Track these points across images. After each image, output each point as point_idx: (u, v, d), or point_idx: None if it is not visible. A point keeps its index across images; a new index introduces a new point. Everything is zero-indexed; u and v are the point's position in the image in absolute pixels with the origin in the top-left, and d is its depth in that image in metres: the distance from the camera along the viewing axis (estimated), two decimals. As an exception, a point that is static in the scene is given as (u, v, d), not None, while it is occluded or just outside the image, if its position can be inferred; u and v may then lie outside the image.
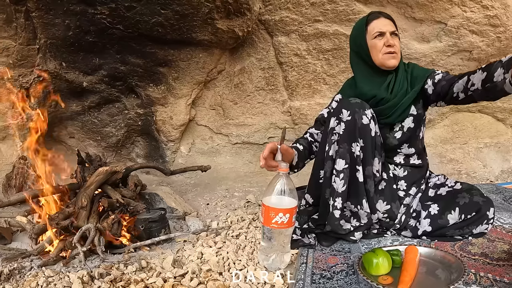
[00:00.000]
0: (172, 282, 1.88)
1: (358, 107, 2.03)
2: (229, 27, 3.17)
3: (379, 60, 2.13)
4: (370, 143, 2.05)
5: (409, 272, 1.71)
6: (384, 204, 2.17)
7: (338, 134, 2.05)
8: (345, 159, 2.03)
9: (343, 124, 2.03)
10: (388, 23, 2.13)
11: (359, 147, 2.03)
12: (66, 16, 2.88)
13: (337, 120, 2.06)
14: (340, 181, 2.03)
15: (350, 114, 2.02)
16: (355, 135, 2.02)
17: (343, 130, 2.03)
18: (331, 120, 2.09)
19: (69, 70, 3.25)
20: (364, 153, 2.05)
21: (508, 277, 1.72)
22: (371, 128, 2.04)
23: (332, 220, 2.09)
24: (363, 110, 2.03)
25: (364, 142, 2.04)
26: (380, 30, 2.10)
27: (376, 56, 2.13)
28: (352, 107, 2.03)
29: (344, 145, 2.03)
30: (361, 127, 2.02)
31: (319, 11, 3.25)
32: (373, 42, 2.13)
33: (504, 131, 3.99)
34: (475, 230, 2.09)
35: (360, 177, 2.06)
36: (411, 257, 1.80)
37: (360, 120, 2.01)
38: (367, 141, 2.04)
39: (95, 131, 3.75)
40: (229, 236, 2.47)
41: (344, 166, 2.03)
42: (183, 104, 3.66)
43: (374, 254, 1.74)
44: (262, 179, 3.73)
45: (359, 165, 2.04)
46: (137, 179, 3.01)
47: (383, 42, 2.10)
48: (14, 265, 2.12)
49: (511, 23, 3.24)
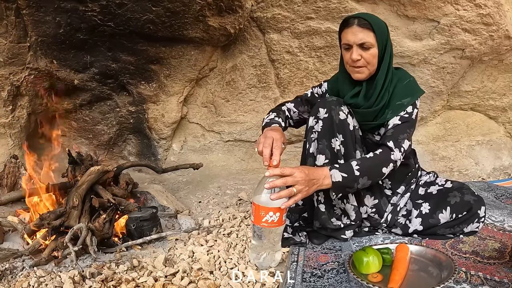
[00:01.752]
0: (163, 281, 1.88)
1: (334, 104, 2.05)
2: (220, 24, 3.16)
3: (348, 70, 2.10)
4: (349, 137, 2.06)
5: (399, 270, 1.71)
6: (372, 199, 2.17)
7: (317, 131, 2.07)
8: (325, 154, 2.04)
9: (320, 122, 2.05)
10: (359, 33, 1.97)
11: (339, 141, 2.04)
12: (56, 13, 2.87)
13: (315, 119, 2.08)
14: None
15: (327, 112, 2.04)
16: (333, 131, 2.03)
17: (321, 127, 2.05)
18: (309, 120, 2.11)
19: (60, 68, 3.23)
20: (344, 147, 2.06)
21: (499, 275, 1.72)
22: (349, 123, 2.06)
23: (318, 215, 2.11)
24: (339, 106, 2.05)
25: (343, 136, 2.05)
26: (348, 42, 2.00)
27: (345, 66, 2.09)
28: (328, 105, 2.05)
29: (323, 141, 2.05)
30: (339, 123, 2.03)
31: (311, 8, 3.24)
32: (343, 52, 2.08)
33: (496, 129, 4.00)
34: (466, 229, 2.09)
35: None
36: (401, 255, 1.80)
37: (337, 116, 2.03)
38: (346, 136, 2.05)
39: (86, 129, 3.73)
40: (220, 234, 2.47)
41: (325, 161, 2.04)
42: (175, 102, 3.65)
43: (364, 253, 1.74)
44: (254, 176, 3.73)
45: (340, 159, 2.05)
46: (129, 177, 3.00)
47: (349, 54, 2.01)
48: (6, 265, 2.11)
49: (503, 22, 3.24)
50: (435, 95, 3.72)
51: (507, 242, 2.04)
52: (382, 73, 2.06)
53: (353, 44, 1.98)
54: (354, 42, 1.98)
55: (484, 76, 3.68)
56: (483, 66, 3.60)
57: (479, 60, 3.51)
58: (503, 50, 3.41)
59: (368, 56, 1.99)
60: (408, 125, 2.07)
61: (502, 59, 3.53)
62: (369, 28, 1.97)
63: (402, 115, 2.07)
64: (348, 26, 2.00)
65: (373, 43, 1.98)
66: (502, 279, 1.69)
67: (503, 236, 2.11)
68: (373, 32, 1.98)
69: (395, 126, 2.06)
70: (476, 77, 3.68)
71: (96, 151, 3.77)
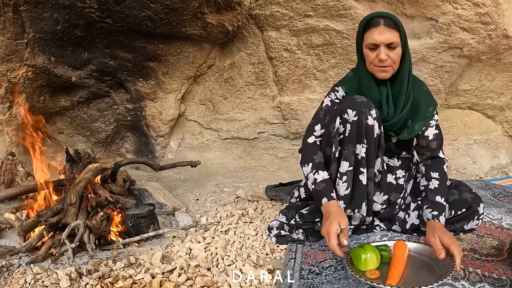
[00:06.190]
0: (160, 278, 1.87)
1: (364, 107, 1.99)
2: (219, 22, 3.15)
3: (370, 70, 2.07)
4: (373, 144, 2.02)
5: (397, 267, 1.72)
6: (381, 195, 2.17)
7: (343, 135, 2.02)
8: (349, 161, 2.01)
9: (348, 125, 2.00)
10: (387, 32, 1.96)
11: (364, 148, 2.01)
12: (54, 10, 2.85)
13: (341, 120, 2.02)
14: (343, 184, 2.02)
15: (356, 114, 1.98)
16: (361, 137, 2.00)
17: (349, 131, 2.00)
18: (336, 120, 2.04)
19: (57, 65, 3.22)
20: (367, 155, 2.03)
21: (497, 273, 1.73)
22: (375, 129, 2.01)
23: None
24: (368, 110, 1.99)
25: (368, 143, 2.01)
26: (375, 41, 1.98)
27: (368, 66, 2.07)
28: (359, 107, 1.99)
29: (349, 147, 2.01)
30: (367, 128, 1.99)
31: (310, 6, 3.23)
32: (366, 52, 2.04)
33: (494, 128, 4.01)
34: (466, 226, 2.10)
35: (364, 180, 2.04)
36: (399, 252, 1.80)
37: (366, 121, 1.98)
38: (371, 143, 2.02)
39: (84, 126, 3.72)
40: (218, 231, 2.47)
41: (348, 168, 2.01)
42: (172, 99, 3.64)
43: (362, 250, 1.75)
44: (251, 174, 3.73)
45: (363, 167, 2.03)
46: (126, 174, 3.00)
47: (375, 54, 1.99)
48: (2, 262, 2.11)
49: (502, 21, 3.24)
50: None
51: (505, 239, 2.04)
52: (405, 72, 2.07)
53: (381, 44, 1.97)
54: (382, 42, 1.97)
55: (482, 75, 3.68)
56: (481, 65, 3.60)
57: (477, 59, 3.51)
58: (501, 49, 3.42)
59: (394, 56, 1.99)
60: (441, 131, 2.21)
61: (500, 58, 3.53)
62: (395, 28, 1.98)
63: (435, 124, 2.17)
64: (376, 26, 1.98)
65: (399, 42, 1.99)
66: (500, 276, 1.70)
67: (500, 234, 2.12)
68: (399, 31, 1.99)
69: (436, 135, 2.17)
70: (474, 76, 3.68)
71: (93, 149, 3.76)
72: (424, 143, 2.17)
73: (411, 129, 2.11)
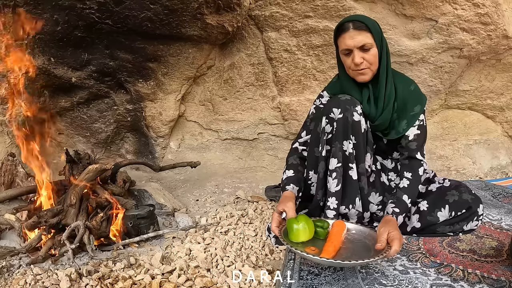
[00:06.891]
0: (159, 279, 1.88)
1: (348, 104, 2.02)
2: (218, 22, 3.15)
3: (350, 75, 2.09)
4: (361, 139, 2.05)
5: (333, 243, 1.77)
6: (377, 196, 2.18)
7: (330, 133, 2.04)
8: (337, 157, 2.02)
9: (334, 123, 2.02)
10: (357, 36, 1.97)
11: (351, 144, 2.02)
12: (54, 11, 2.86)
13: (327, 119, 2.05)
14: (333, 181, 2.03)
15: (341, 112, 2.01)
16: (347, 133, 2.01)
17: (335, 129, 2.02)
18: (322, 120, 2.07)
19: (57, 66, 3.22)
20: (356, 150, 2.04)
21: (496, 274, 1.73)
22: (361, 124, 2.04)
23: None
24: (353, 106, 2.02)
25: (356, 139, 2.03)
26: (347, 46, 1.99)
27: (347, 71, 2.09)
28: (343, 104, 2.02)
29: (336, 144, 2.02)
30: (353, 125, 2.01)
31: (310, 7, 3.23)
32: (343, 58, 2.07)
33: (494, 128, 4.01)
34: (466, 227, 2.10)
35: (354, 175, 2.05)
36: (337, 230, 1.86)
37: (351, 117, 2.00)
38: (359, 138, 2.03)
39: (84, 127, 3.72)
40: (217, 232, 2.47)
41: (337, 165, 2.02)
42: (172, 100, 3.64)
43: (295, 220, 1.78)
44: (251, 175, 3.73)
45: (352, 163, 2.04)
46: (126, 175, 3.00)
47: (351, 59, 2.01)
48: (3, 263, 2.11)
49: (501, 21, 3.24)
50: (432, 94, 3.72)
51: (505, 240, 2.04)
52: (383, 70, 2.06)
53: (353, 48, 1.98)
54: (354, 45, 1.97)
55: (481, 76, 3.69)
56: (481, 66, 3.60)
57: (477, 59, 3.51)
58: (501, 49, 3.42)
59: (370, 57, 2.00)
60: (424, 132, 2.15)
61: (500, 59, 3.53)
62: (365, 29, 1.97)
63: (418, 124, 2.12)
64: (345, 31, 1.99)
65: (372, 43, 1.99)
66: (500, 277, 1.70)
67: (500, 235, 2.12)
68: (370, 32, 1.98)
69: (417, 136, 2.12)
70: (474, 77, 3.69)
71: (93, 149, 3.76)
72: (404, 142, 2.15)
73: (397, 129, 2.12)
